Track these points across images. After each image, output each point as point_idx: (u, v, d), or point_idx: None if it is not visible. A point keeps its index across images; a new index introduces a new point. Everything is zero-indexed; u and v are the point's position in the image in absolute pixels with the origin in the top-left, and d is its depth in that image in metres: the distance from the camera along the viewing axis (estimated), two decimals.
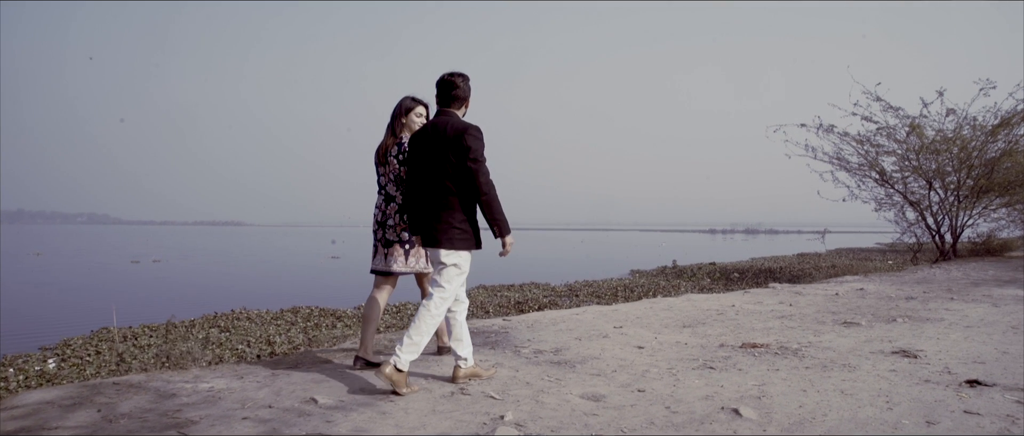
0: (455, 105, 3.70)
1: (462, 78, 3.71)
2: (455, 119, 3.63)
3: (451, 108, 3.70)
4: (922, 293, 8.15)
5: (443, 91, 3.69)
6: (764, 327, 5.74)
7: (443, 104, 3.70)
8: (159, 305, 12.84)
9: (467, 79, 3.74)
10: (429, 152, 3.60)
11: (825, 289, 8.64)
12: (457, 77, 3.69)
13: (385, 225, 4.13)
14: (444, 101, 3.70)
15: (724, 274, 15.07)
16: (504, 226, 3.55)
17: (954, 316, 6.28)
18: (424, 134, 3.67)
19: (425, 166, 3.63)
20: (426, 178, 3.63)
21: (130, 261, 27.84)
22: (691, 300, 7.78)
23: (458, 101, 3.69)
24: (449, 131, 3.55)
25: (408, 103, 4.14)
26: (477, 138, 3.54)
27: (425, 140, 3.65)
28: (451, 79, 3.68)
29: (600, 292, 11.71)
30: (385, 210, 4.14)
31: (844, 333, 5.42)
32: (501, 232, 3.56)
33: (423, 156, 3.64)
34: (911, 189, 15.93)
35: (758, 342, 4.96)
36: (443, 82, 3.69)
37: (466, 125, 3.58)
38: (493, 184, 3.53)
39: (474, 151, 3.50)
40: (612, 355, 4.52)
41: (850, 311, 6.67)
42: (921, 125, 14.58)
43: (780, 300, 7.64)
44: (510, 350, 4.73)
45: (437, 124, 3.62)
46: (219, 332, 7.89)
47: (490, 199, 3.50)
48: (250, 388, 3.68)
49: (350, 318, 8.67)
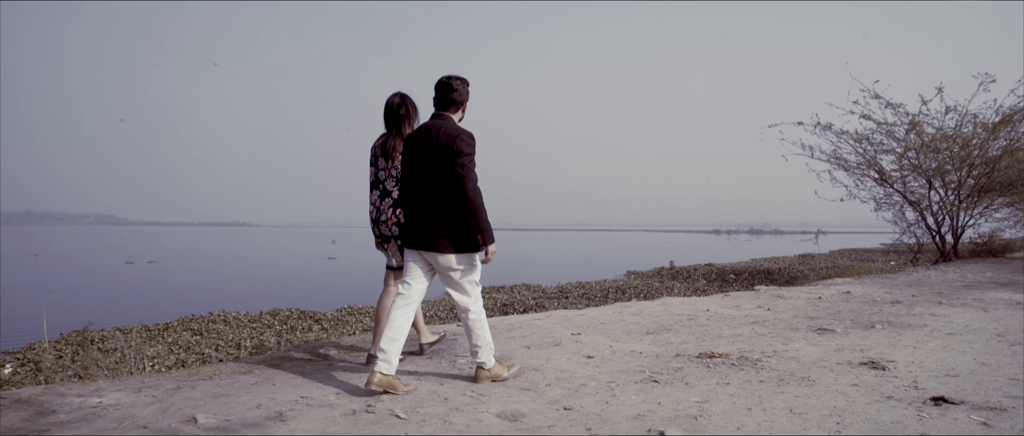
0: (452, 109, 3.66)
1: (461, 82, 3.66)
2: (449, 124, 3.59)
3: (447, 112, 3.65)
4: (910, 296, 7.76)
5: (441, 94, 3.65)
6: (732, 334, 5.39)
7: (440, 107, 3.66)
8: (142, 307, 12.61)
9: (466, 83, 3.69)
10: (422, 156, 3.57)
11: (810, 292, 8.26)
12: (455, 80, 3.64)
13: (379, 221, 4.11)
14: (441, 104, 3.66)
15: (720, 276, 14.78)
16: (488, 234, 3.51)
17: (938, 322, 5.90)
18: (417, 137, 3.62)
19: (418, 170, 3.60)
20: (419, 182, 3.60)
21: (125, 262, 27.73)
22: (666, 304, 7.42)
23: (455, 105, 3.65)
24: (441, 136, 3.51)
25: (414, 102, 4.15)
26: (468, 144, 3.50)
27: (418, 144, 3.61)
28: (449, 82, 3.64)
29: (591, 294, 11.53)
30: (380, 206, 4.12)
31: (815, 341, 5.06)
32: (485, 241, 3.53)
33: (416, 160, 3.61)
34: (911, 188, 15.52)
35: (718, 351, 4.61)
36: (441, 85, 3.64)
37: (458, 130, 3.54)
38: (479, 191, 3.49)
39: (463, 157, 3.46)
40: (555, 366, 4.17)
41: (829, 316, 6.31)
42: (920, 123, 14.17)
43: (759, 304, 7.28)
44: (447, 360, 4.39)
45: (430, 128, 3.58)
46: (191, 335, 7.67)
47: (475, 206, 3.47)
48: (140, 403, 3.36)
49: (328, 321, 8.43)
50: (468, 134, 3.54)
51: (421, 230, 3.57)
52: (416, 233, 3.60)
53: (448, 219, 3.52)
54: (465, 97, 3.69)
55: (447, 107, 3.65)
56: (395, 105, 4.13)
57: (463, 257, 3.57)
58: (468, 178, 3.46)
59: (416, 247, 3.61)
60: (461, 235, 3.54)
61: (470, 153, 3.51)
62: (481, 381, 3.71)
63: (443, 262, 3.56)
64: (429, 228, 3.54)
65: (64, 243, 50.29)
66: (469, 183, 3.46)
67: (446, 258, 3.55)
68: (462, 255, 3.57)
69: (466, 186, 3.45)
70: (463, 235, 3.55)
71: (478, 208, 3.48)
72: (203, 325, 8.25)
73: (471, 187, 3.46)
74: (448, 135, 3.50)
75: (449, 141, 3.48)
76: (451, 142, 3.48)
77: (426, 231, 3.55)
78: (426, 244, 3.55)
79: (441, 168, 3.51)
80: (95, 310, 12.81)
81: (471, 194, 3.46)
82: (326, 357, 4.60)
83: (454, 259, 3.55)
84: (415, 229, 3.61)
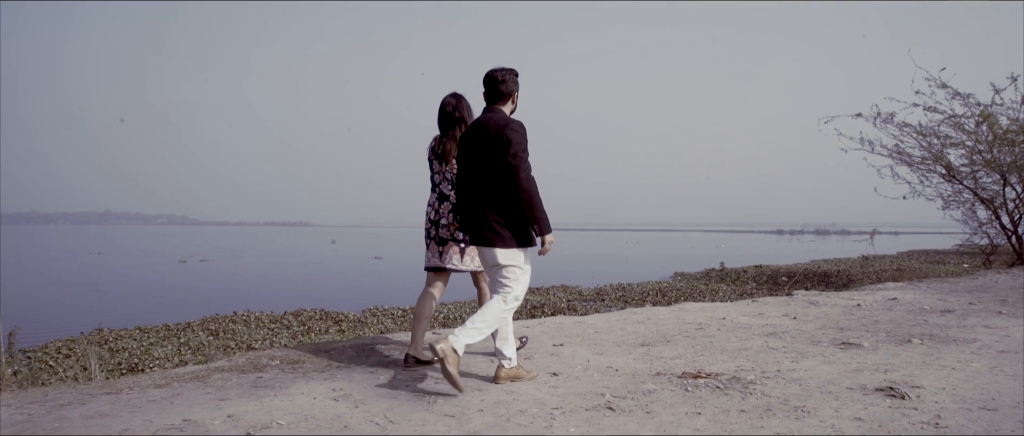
0: (502, 101, 3.61)
1: (509, 73, 3.60)
2: (499, 115, 3.54)
3: (497, 105, 3.61)
4: (966, 304, 6.81)
5: (489, 87, 3.61)
6: (738, 348, 4.69)
7: (490, 101, 3.63)
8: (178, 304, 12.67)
9: (515, 74, 3.63)
10: (475, 150, 3.54)
11: (851, 299, 7.39)
12: (501, 72, 3.58)
13: (438, 223, 4.06)
14: (491, 98, 3.62)
15: (771, 278, 14.00)
16: (544, 224, 3.43)
17: (991, 336, 5.04)
18: (470, 132, 3.61)
19: (472, 164, 3.56)
20: (473, 176, 3.56)
21: (178, 261, 28.41)
22: (683, 310, 6.72)
23: (504, 97, 3.60)
24: (491, 128, 3.47)
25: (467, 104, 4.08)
26: (518, 133, 3.44)
27: (471, 138, 3.58)
28: (496, 75, 3.58)
29: (629, 296, 11.10)
30: (438, 209, 4.07)
31: (833, 358, 4.32)
32: (541, 231, 3.44)
33: (470, 154, 3.58)
34: (982, 185, 14.17)
35: (709, 370, 3.94)
36: (489, 78, 3.60)
37: (509, 120, 3.49)
38: (534, 180, 3.42)
39: (514, 146, 3.40)
40: (506, 386, 3.59)
41: (861, 328, 5.50)
42: (993, 114, 12.89)
43: (786, 312, 6.49)
44: (392, 370, 3.87)
45: (482, 121, 3.56)
46: (207, 336, 7.55)
47: (530, 196, 3.39)
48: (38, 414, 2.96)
49: (349, 322, 8.22)
50: (518, 123, 3.47)
51: (476, 225, 3.53)
52: (473, 229, 3.56)
53: (501, 213, 3.46)
54: (514, 88, 3.62)
55: (496, 100, 3.60)
56: (449, 107, 4.05)
57: (513, 253, 3.49)
58: (521, 167, 3.39)
59: (474, 243, 3.58)
60: (513, 230, 3.46)
61: (522, 142, 3.43)
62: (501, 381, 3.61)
63: (490, 257, 3.51)
64: (481, 222, 3.49)
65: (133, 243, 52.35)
66: (522, 172, 3.38)
67: (494, 252, 3.48)
68: (512, 251, 3.48)
69: (519, 176, 3.38)
70: (516, 230, 3.46)
71: (533, 197, 3.39)
72: (222, 325, 8.16)
73: (524, 176, 3.39)
74: (498, 127, 3.45)
75: (498, 131, 3.43)
76: (501, 132, 3.43)
77: (479, 226, 3.51)
78: (478, 239, 3.52)
79: (493, 161, 3.44)
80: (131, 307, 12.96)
81: (525, 184, 3.38)
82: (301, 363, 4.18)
83: (502, 254, 3.47)
84: (471, 225, 3.57)
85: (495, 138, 3.45)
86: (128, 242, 53.31)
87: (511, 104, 3.66)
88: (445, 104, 4.07)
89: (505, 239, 3.46)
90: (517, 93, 3.68)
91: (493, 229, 3.46)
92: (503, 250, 3.47)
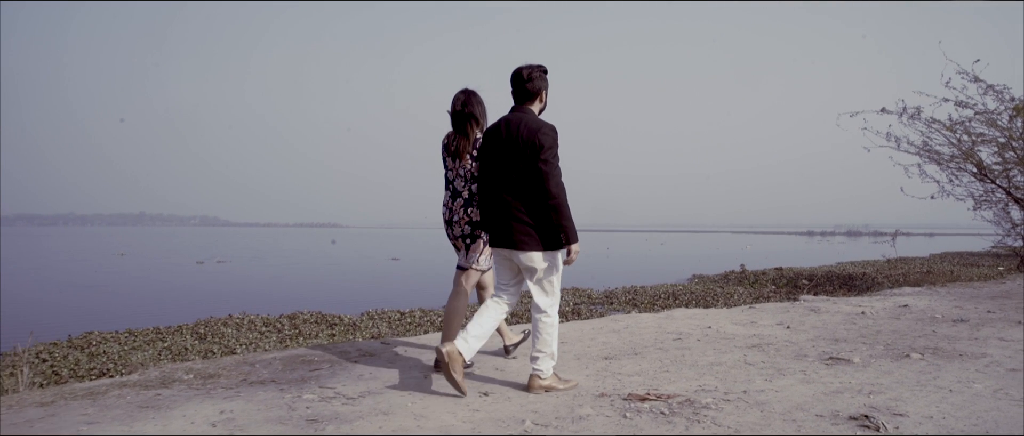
0: (530, 101, 3.48)
1: (537, 70, 3.46)
2: (530, 117, 3.42)
3: (526, 104, 3.48)
4: (984, 313, 6.19)
5: (517, 86, 3.47)
6: (710, 363, 4.18)
7: (518, 100, 3.49)
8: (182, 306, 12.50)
9: (543, 71, 3.49)
10: (503, 151, 3.42)
11: (859, 305, 6.81)
12: (528, 70, 3.45)
13: (452, 222, 3.98)
14: (519, 97, 3.48)
15: (791, 281, 13.42)
16: (572, 233, 3.32)
17: (1004, 351, 4.46)
18: (497, 132, 3.47)
19: (498, 165, 3.45)
20: (500, 178, 3.45)
21: (195, 262, 28.48)
22: (669, 318, 6.21)
23: (533, 96, 3.47)
24: (523, 131, 3.35)
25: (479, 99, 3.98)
26: (550, 137, 3.32)
27: (498, 138, 3.46)
28: (524, 72, 3.45)
29: (639, 300, 10.70)
30: (452, 207, 3.98)
31: (814, 376, 3.80)
32: (568, 239, 3.33)
33: (496, 155, 3.46)
34: (1016, 184, 13.34)
35: (664, 391, 3.46)
36: (516, 76, 3.46)
37: (540, 124, 3.37)
38: (563, 187, 3.33)
39: (546, 152, 3.29)
40: (418, 409, 3.15)
41: (859, 339, 4.95)
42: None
43: (782, 319, 5.95)
44: (305, 388, 3.45)
45: (510, 121, 3.42)
46: (193, 339, 7.34)
47: (559, 203, 3.30)
48: None
49: (344, 325, 7.97)
50: (550, 127, 3.36)
51: (502, 228, 3.43)
52: (498, 231, 3.46)
53: (531, 216, 3.36)
54: (542, 86, 3.48)
55: (525, 99, 3.47)
56: (458, 103, 3.95)
57: (546, 255, 3.40)
58: (552, 174, 3.29)
59: (499, 246, 3.48)
60: (544, 232, 3.36)
61: (553, 147, 3.32)
62: (534, 390, 3.45)
63: (525, 260, 3.39)
64: (510, 225, 3.39)
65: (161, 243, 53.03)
66: (552, 179, 3.28)
67: (528, 256, 3.38)
68: (545, 253, 3.39)
69: (549, 182, 3.27)
70: (546, 232, 3.37)
71: (562, 205, 3.30)
72: (213, 328, 7.96)
73: (555, 183, 3.29)
74: (529, 130, 3.33)
75: (531, 136, 3.31)
76: (533, 137, 3.30)
77: (507, 228, 3.40)
78: (507, 242, 3.41)
79: (523, 164, 3.34)
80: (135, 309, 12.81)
81: (555, 191, 3.28)
82: (216, 378, 3.83)
83: (537, 257, 3.38)
84: (496, 227, 3.47)
85: (527, 142, 3.32)
86: (155, 242, 54.00)
87: (539, 103, 3.53)
88: (455, 100, 3.98)
89: (536, 242, 3.36)
90: (546, 91, 3.54)
91: (524, 231, 3.37)
92: (535, 253, 3.38)
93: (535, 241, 3.36)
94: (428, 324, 8.02)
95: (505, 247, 3.44)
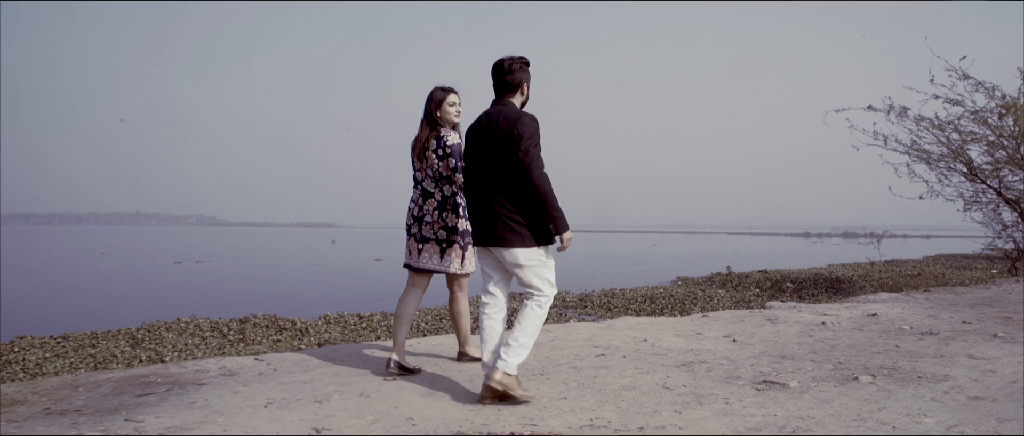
0: (511, 93, 3.39)
1: (517, 62, 3.38)
2: (509, 108, 3.34)
3: (506, 97, 3.40)
4: (959, 323, 5.56)
5: (497, 78, 3.40)
6: (621, 387, 3.56)
7: (499, 92, 3.42)
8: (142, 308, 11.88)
9: (524, 63, 3.40)
10: (484, 146, 3.35)
11: (824, 314, 6.18)
12: (509, 62, 3.37)
13: (421, 221, 3.88)
14: (499, 89, 3.41)
15: (776, 284, 12.97)
16: (561, 222, 3.24)
17: (970, 372, 3.82)
18: (478, 127, 3.41)
19: (481, 161, 3.37)
20: (483, 173, 3.36)
21: (174, 262, 27.82)
22: (610, 327, 5.59)
23: (513, 88, 3.38)
24: (502, 122, 3.28)
25: (438, 93, 3.89)
26: (530, 127, 3.23)
27: (479, 134, 3.39)
28: (504, 65, 3.37)
29: (614, 304, 10.16)
30: (422, 206, 3.89)
31: (735, 407, 3.17)
32: (558, 229, 3.27)
33: (479, 150, 3.38)
34: (1007, 184, 12.74)
35: (539, 430, 2.83)
36: (497, 69, 3.39)
37: (519, 114, 3.29)
38: (547, 177, 3.22)
39: (526, 142, 3.20)
40: None
41: (808, 356, 4.32)
42: (1020, 105, 11.49)
43: (730, 331, 5.32)
44: (105, 422, 2.82)
45: (490, 115, 3.36)
46: (126, 345, 6.78)
47: (544, 193, 3.20)
48: None
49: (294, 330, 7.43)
50: (529, 117, 3.26)
51: (487, 225, 3.32)
52: (482, 229, 3.36)
53: (515, 211, 3.26)
54: (523, 79, 3.40)
55: (505, 91, 3.39)
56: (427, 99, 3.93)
57: (532, 252, 3.28)
58: (533, 165, 3.18)
59: (483, 243, 3.37)
60: (530, 227, 3.26)
61: (533, 137, 3.22)
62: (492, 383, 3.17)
63: (510, 258, 3.29)
64: (494, 222, 3.28)
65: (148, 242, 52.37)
66: (535, 170, 3.18)
67: (512, 252, 3.27)
68: (531, 249, 3.27)
69: (532, 173, 3.17)
70: (532, 227, 3.26)
71: (548, 195, 3.20)
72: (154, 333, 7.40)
73: (537, 174, 3.18)
74: (507, 121, 3.25)
75: (508, 126, 3.24)
76: (511, 127, 3.23)
77: (491, 225, 3.29)
78: (492, 239, 3.29)
79: (503, 157, 3.25)
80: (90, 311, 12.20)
81: (538, 181, 3.18)
82: (66, 400, 3.17)
83: (521, 254, 3.26)
84: (481, 224, 3.36)
85: (505, 134, 3.23)
86: (144, 242, 53.31)
87: (520, 95, 3.42)
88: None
89: (524, 238, 3.25)
90: (528, 84, 3.44)
91: (510, 228, 3.25)
92: (523, 250, 3.26)
93: (521, 237, 3.25)
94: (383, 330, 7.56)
95: (490, 244, 3.33)
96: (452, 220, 3.84)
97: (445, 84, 3.96)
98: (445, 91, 3.92)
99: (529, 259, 3.29)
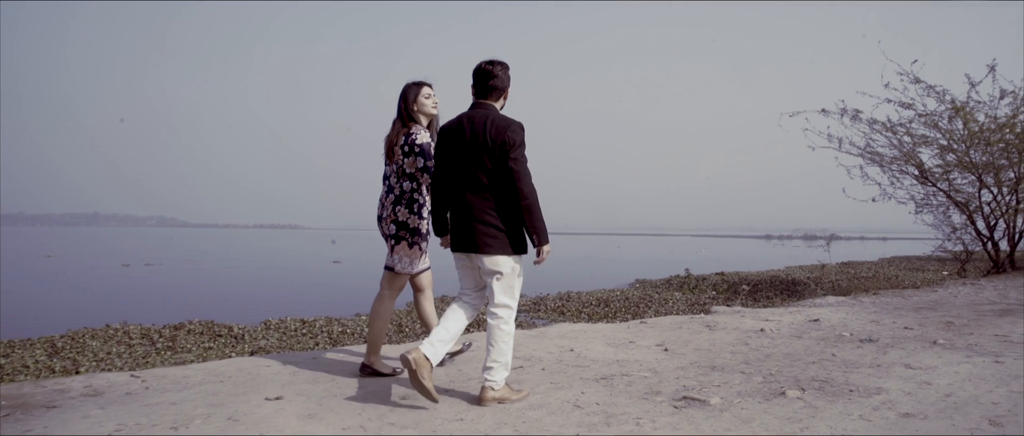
0: (493, 97, 3.33)
1: (501, 66, 3.33)
2: (494, 113, 3.27)
3: (488, 100, 3.33)
4: (900, 330, 5.36)
5: (480, 81, 3.32)
6: (530, 405, 3.23)
7: (479, 95, 3.34)
8: (75, 314, 11.22)
9: (506, 67, 3.37)
10: (465, 150, 3.23)
11: (765, 318, 5.95)
12: (493, 66, 3.31)
13: (382, 218, 3.82)
14: (481, 92, 3.33)
15: (732, 286, 12.99)
16: (543, 234, 3.19)
17: (904, 385, 3.57)
18: (459, 130, 3.27)
19: (459, 165, 3.26)
20: (461, 178, 3.26)
21: (121, 264, 26.84)
22: (542, 335, 5.27)
23: (496, 92, 3.33)
24: (488, 127, 3.18)
25: (412, 88, 3.82)
26: (520, 135, 3.18)
27: (459, 137, 3.26)
28: (488, 68, 3.30)
29: (569, 307, 10.07)
30: (384, 202, 3.82)
31: (646, 429, 2.86)
32: (540, 241, 3.21)
33: (456, 154, 3.26)
34: (957, 187, 12.80)
35: None
36: (480, 71, 3.32)
37: (508, 121, 3.21)
38: (535, 188, 3.18)
39: (516, 150, 3.14)
40: None
41: (738, 367, 4.04)
42: (968, 109, 11.52)
43: (664, 339, 5.04)
44: None
45: (473, 119, 3.26)
46: (42, 354, 6.43)
47: (531, 204, 3.14)
48: None
49: (230, 337, 7.19)
50: (518, 125, 3.21)
51: (465, 230, 3.24)
52: (460, 234, 3.27)
53: (498, 217, 3.19)
54: (506, 83, 3.35)
55: (487, 95, 3.32)
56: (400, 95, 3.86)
57: (512, 259, 3.23)
58: (523, 174, 3.14)
59: (461, 249, 3.30)
60: (510, 235, 3.20)
61: (523, 146, 3.18)
62: (486, 402, 3.20)
63: (490, 264, 3.21)
64: (474, 227, 3.20)
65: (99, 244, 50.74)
66: (524, 179, 3.14)
67: (493, 260, 3.20)
68: (510, 257, 3.22)
69: (521, 182, 3.13)
70: (512, 235, 3.21)
71: (534, 206, 3.16)
72: (77, 341, 7.02)
73: (526, 183, 3.14)
74: (497, 127, 3.17)
75: (498, 134, 3.15)
76: (501, 135, 3.14)
77: (470, 231, 3.21)
78: (470, 245, 3.22)
79: (490, 163, 3.17)
80: (20, 316, 11.52)
81: (527, 191, 3.14)
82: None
83: (502, 261, 3.20)
84: (458, 230, 3.28)
85: (495, 140, 3.14)
86: (94, 244, 51.64)
87: (502, 100, 3.38)
88: None
89: (501, 246, 3.19)
90: (508, 89, 3.39)
91: (489, 234, 3.18)
92: (500, 257, 3.20)
93: (501, 244, 3.19)
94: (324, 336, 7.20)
95: (468, 251, 3.25)
96: (403, 215, 3.74)
97: (416, 79, 3.88)
98: (419, 85, 3.85)
99: (503, 267, 3.22)
